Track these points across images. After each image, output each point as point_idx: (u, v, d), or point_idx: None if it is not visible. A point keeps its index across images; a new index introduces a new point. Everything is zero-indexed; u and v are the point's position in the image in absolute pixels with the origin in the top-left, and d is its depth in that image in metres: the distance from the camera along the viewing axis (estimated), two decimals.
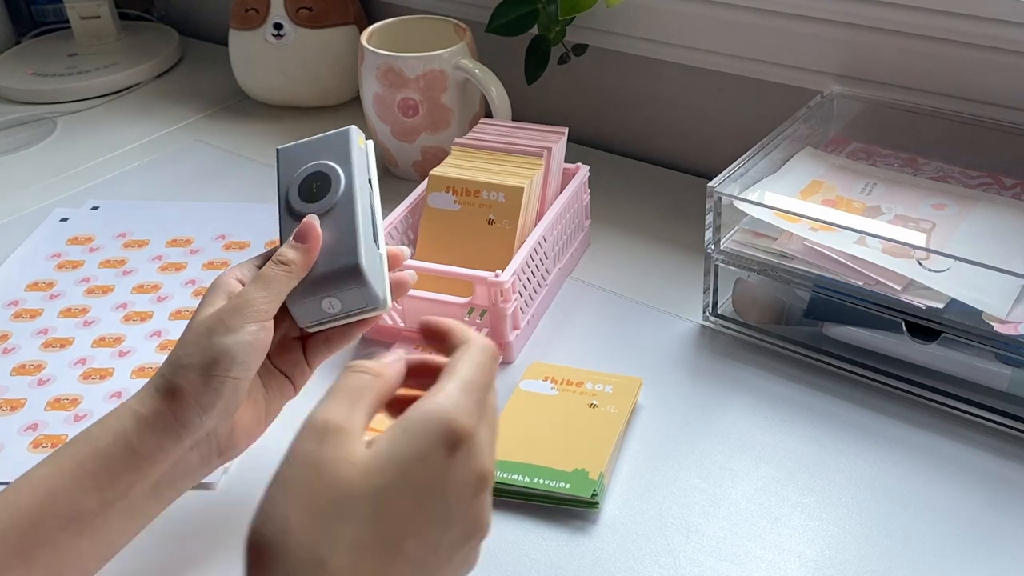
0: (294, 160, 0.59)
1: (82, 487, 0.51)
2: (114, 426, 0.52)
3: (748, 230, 0.72)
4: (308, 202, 0.57)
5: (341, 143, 0.59)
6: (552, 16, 0.90)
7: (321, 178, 0.58)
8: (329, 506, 0.37)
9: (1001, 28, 0.75)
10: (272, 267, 0.55)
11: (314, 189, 0.58)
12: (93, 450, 0.52)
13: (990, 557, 0.57)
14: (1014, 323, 0.62)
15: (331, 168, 0.58)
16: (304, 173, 0.58)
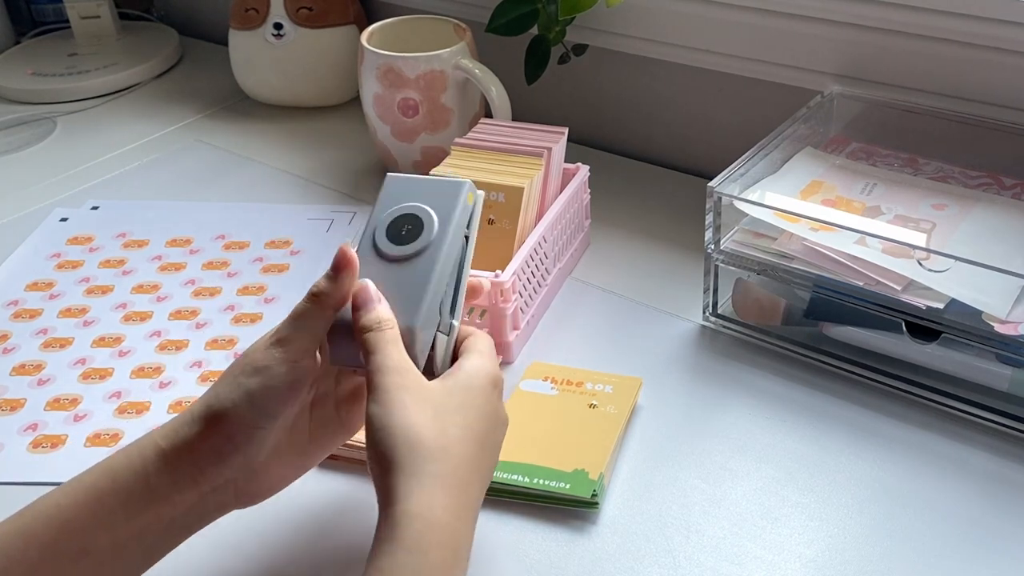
0: (398, 192, 0.57)
1: (97, 523, 0.50)
2: (136, 463, 0.51)
3: (748, 230, 0.72)
4: (392, 242, 0.55)
5: (449, 193, 0.56)
6: (552, 16, 0.90)
7: (414, 222, 0.55)
8: (434, 410, 0.49)
9: (1001, 28, 0.75)
10: (303, 300, 0.53)
11: (403, 231, 0.55)
12: (112, 485, 0.51)
13: (990, 557, 0.57)
14: (1014, 323, 0.62)
15: (427, 215, 0.55)
16: (399, 211, 0.55)
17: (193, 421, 0.52)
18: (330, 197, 0.97)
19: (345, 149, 1.06)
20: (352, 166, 1.03)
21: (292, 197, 0.97)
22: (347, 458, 0.65)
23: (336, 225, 0.92)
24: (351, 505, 0.62)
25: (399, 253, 0.54)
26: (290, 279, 0.84)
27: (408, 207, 0.56)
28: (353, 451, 0.64)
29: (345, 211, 0.94)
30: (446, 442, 0.48)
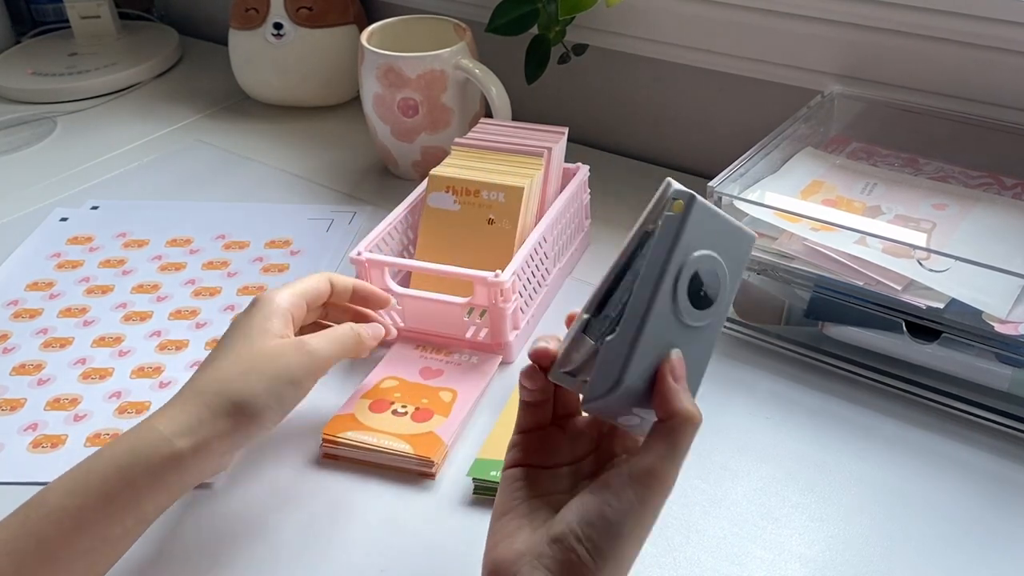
0: (701, 230, 0.45)
1: (111, 519, 0.52)
2: (149, 460, 0.53)
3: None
4: (693, 305, 0.46)
5: (742, 247, 0.47)
6: (552, 16, 0.90)
7: (712, 282, 0.46)
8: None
9: (1001, 28, 0.75)
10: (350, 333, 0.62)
11: (702, 292, 0.46)
12: (124, 483, 0.52)
13: (990, 557, 0.57)
14: (1014, 323, 0.62)
15: (724, 277, 0.46)
16: (704, 264, 0.46)
17: (215, 417, 0.55)
18: (330, 197, 0.97)
19: (345, 149, 1.06)
20: (352, 166, 1.03)
21: (292, 197, 0.97)
22: (347, 458, 0.65)
23: (336, 225, 0.92)
24: (351, 505, 0.62)
25: (695, 320, 0.46)
26: (290, 279, 0.84)
27: (713, 261, 0.46)
28: (354, 452, 0.64)
29: (345, 211, 0.94)
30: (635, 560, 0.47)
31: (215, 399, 0.55)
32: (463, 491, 0.62)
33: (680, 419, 0.46)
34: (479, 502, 0.62)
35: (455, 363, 0.72)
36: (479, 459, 0.63)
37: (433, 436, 0.64)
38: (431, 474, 0.63)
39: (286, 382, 0.58)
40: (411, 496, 0.62)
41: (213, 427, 0.55)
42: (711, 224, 0.46)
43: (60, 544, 0.50)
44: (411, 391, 0.69)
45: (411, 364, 0.72)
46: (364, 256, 0.73)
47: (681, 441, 0.46)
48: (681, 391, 0.46)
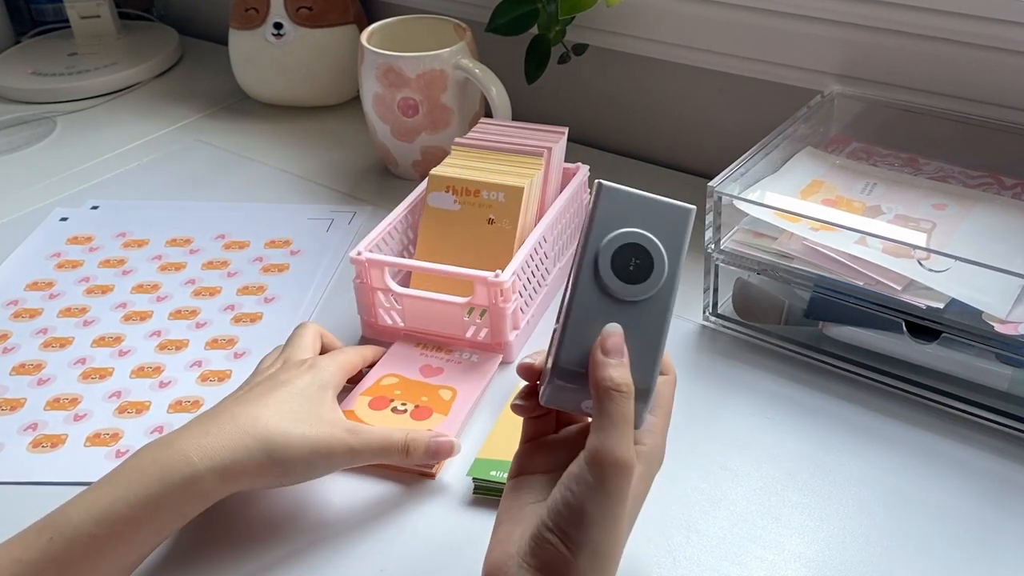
0: (617, 210, 0.48)
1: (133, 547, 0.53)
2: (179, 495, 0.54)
3: (748, 230, 0.72)
4: (621, 278, 0.47)
5: (677, 221, 0.48)
6: (552, 16, 0.90)
7: (642, 255, 0.47)
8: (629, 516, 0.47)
9: (1001, 28, 0.75)
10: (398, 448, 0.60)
11: (631, 266, 0.47)
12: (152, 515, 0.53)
13: (990, 556, 0.57)
14: (1014, 323, 0.62)
15: (658, 252, 0.47)
16: (625, 239, 0.47)
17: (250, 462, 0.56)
18: (330, 197, 0.97)
19: (345, 149, 1.06)
20: (352, 166, 1.03)
21: (292, 197, 0.97)
22: None
23: (336, 225, 0.92)
24: (351, 505, 0.62)
25: (630, 295, 0.47)
26: (290, 279, 0.84)
27: (635, 235, 0.47)
28: None
29: (345, 211, 0.94)
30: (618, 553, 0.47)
31: (255, 445, 0.56)
32: (463, 491, 0.62)
33: (603, 390, 0.45)
34: (479, 502, 0.62)
35: (455, 361, 0.72)
36: (479, 459, 0.63)
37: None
38: (431, 474, 0.63)
39: (325, 457, 0.58)
40: (411, 496, 0.62)
41: (245, 471, 0.55)
42: (630, 204, 0.48)
43: (81, 571, 0.51)
44: (411, 389, 0.69)
45: (411, 362, 0.72)
46: (364, 256, 0.73)
47: (614, 413, 0.45)
48: (608, 363, 0.45)
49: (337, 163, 1.03)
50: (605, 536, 0.44)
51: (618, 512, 0.45)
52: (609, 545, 0.45)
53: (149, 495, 0.53)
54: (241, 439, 0.56)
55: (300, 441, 0.57)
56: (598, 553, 0.44)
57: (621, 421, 0.45)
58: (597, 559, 0.44)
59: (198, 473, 0.54)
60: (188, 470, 0.54)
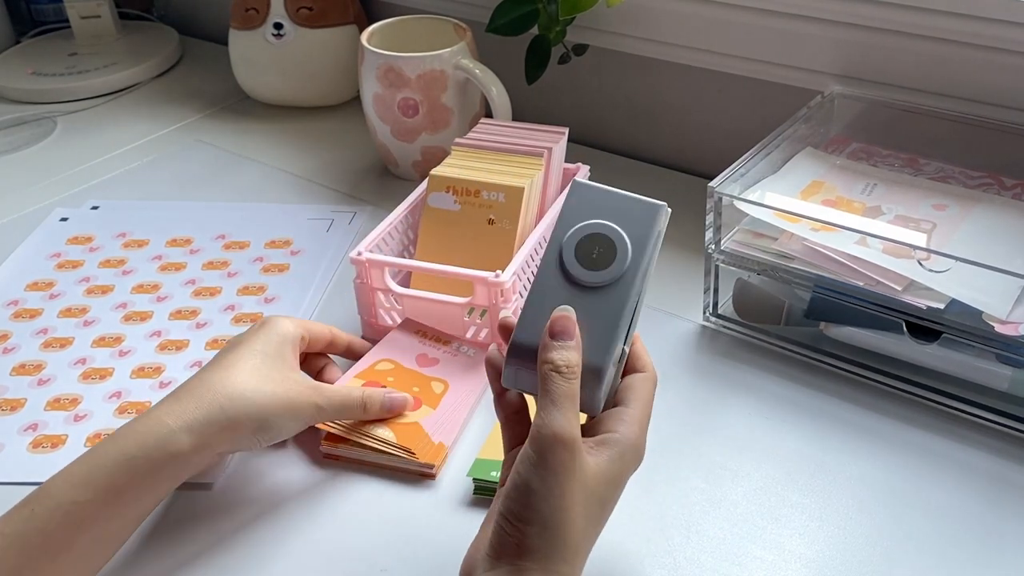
0: (587, 204, 0.51)
1: (115, 514, 0.54)
2: (155, 455, 0.55)
3: (748, 230, 0.72)
4: (583, 265, 0.50)
5: (645, 217, 0.51)
6: (552, 16, 0.90)
7: (605, 244, 0.50)
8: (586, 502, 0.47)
9: (1001, 28, 0.75)
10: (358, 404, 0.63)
11: (594, 254, 0.50)
12: (129, 478, 0.54)
13: (990, 556, 0.57)
14: (1014, 323, 0.62)
15: (621, 240, 0.50)
16: (589, 230, 0.50)
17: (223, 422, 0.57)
18: (330, 197, 0.97)
19: (345, 149, 1.06)
20: (352, 166, 1.03)
21: (292, 197, 0.97)
22: (347, 458, 0.65)
23: (336, 225, 0.92)
24: (352, 505, 0.62)
25: (591, 280, 0.50)
26: (290, 279, 0.84)
27: (599, 227, 0.50)
28: (352, 451, 0.64)
29: (345, 211, 0.94)
30: (581, 540, 0.47)
31: (229, 404, 0.57)
32: (463, 491, 0.62)
33: (544, 371, 0.47)
34: (479, 502, 0.62)
35: (452, 353, 0.71)
36: (479, 459, 0.63)
37: (417, 427, 0.65)
38: (431, 474, 0.63)
39: (293, 414, 0.60)
40: (411, 496, 0.62)
41: (219, 429, 0.57)
42: (601, 200, 0.51)
43: (64, 540, 0.51)
44: (404, 376, 0.69)
45: (408, 349, 0.71)
46: (364, 256, 0.73)
47: (553, 392, 0.47)
48: (551, 345, 0.48)
49: (337, 163, 1.03)
50: (552, 510, 0.45)
51: (564, 485, 0.45)
52: (558, 519, 0.45)
53: (127, 459, 0.54)
54: (213, 399, 0.57)
55: (270, 399, 0.59)
56: (547, 527, 0.45)
57: (561, 399, 0.47)
58: (547, 533, 0.45)
59: (173, 434, 0.55)
60: (163, 431, 0.55)
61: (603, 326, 0.49)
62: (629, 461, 0.50)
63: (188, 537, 0.60)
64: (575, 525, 0.46)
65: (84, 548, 0.52)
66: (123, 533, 0.55)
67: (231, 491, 0.63)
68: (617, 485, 0.50)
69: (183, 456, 0.55)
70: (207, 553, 0.59)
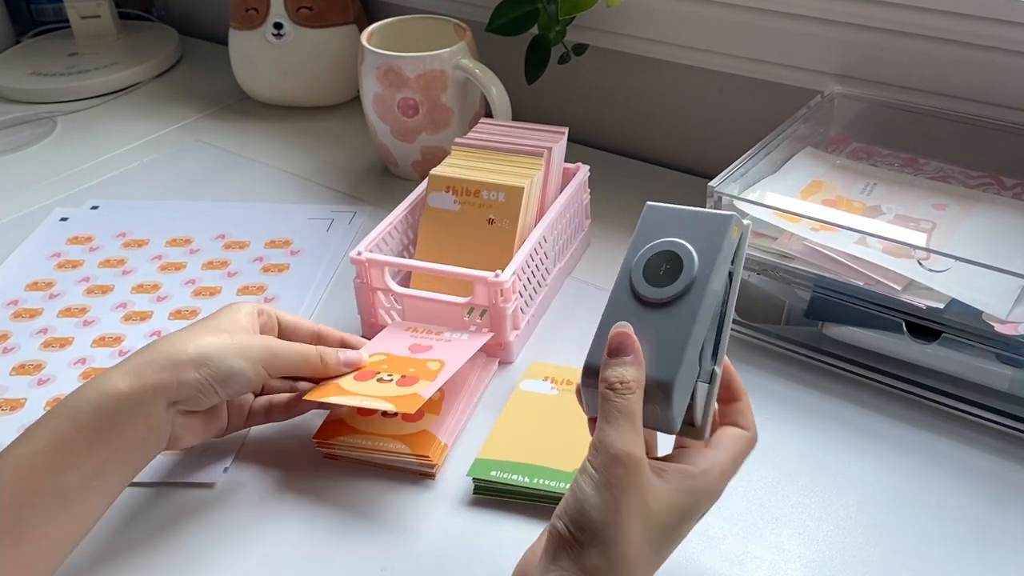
0: (656, 225, 0.51)
1: (64, 463, 0.53)
2: (94, 400, 0.55)
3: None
4: (650, 283, 0.49)
5: (713, 228, 0.50)
6: (552, 16, 0.90)
7: (672, 260, 0.49)
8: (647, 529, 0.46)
9: (1001, 28, 0.75)
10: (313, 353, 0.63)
11: (661, 271, 0.49)
12: (74, 425, 0.54)
13: (990, 556, 0.57)
14: (1014, 323, 0.62)
15: (687, 254, 0.49)
16: (657, 248, 0.50)
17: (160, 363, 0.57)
18: (330, 197, 0.97)
19: (345, 149, 1.06)
20: (352, 166, 1.03)
21: (292, 197, 0.97)
22: (347, 457, 0.65)
23: (336, 225, 0.92)
24: (352, 505, 0.62)
25: (658, 296, 0.49)
26: (290, 279, 0.84)
27: (666, 243, 0.50)
28: (354, 451, 0.64)
29: (345, 211, 0.94)
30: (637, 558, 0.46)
31: (168, 345, 0.58)
32: (463, 491, 0.62)
33: (602, 389, 0.47)
34: (479, 502, 0.62)
35: (445, 339, 0.71)
36: (479, 459, 0.63)
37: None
38: (431, 474, 0.63)
39: (240, 356, 0.59)
40: (411, 496, 0.62)
41: (158, 371, 0.57)
42: (670, 220, 0.51)
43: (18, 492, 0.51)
44: (398, 362, 0.67)
45: (400, 342, 0.70)
46: (364, 256, 0.73)
47: (612, 409, 0.46)
48: (608, 363, 0.47)
49: (337, 163, 1.03)
50: (609, 527, 0.45)
51: (622, 503, 0.45)
52: (615, 536, 0.45)
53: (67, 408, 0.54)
54: (162, 353, 0.58)
55: (214, 340, 0.59)
56: (607, 543, 0.45)
57: (619, 416, 0.46)
58: (607, 550, 0.45)
59: (109, 378, 0.56)
60: (101, 379, 0.56)
61: (671, 340, 0.48)
62: (701, 499, 0.49)
63: (188, 537, 0.60)
64: (630, 540, 0.45)
65: (41, 501, 0.52)
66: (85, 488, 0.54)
67: (231, 491, 0.63)
68: (684, 517, 0.48)
69: (121, 395, 0.55)
70: (207, 553, 0.59)
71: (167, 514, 0.62)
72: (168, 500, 0.62)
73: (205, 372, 0.58)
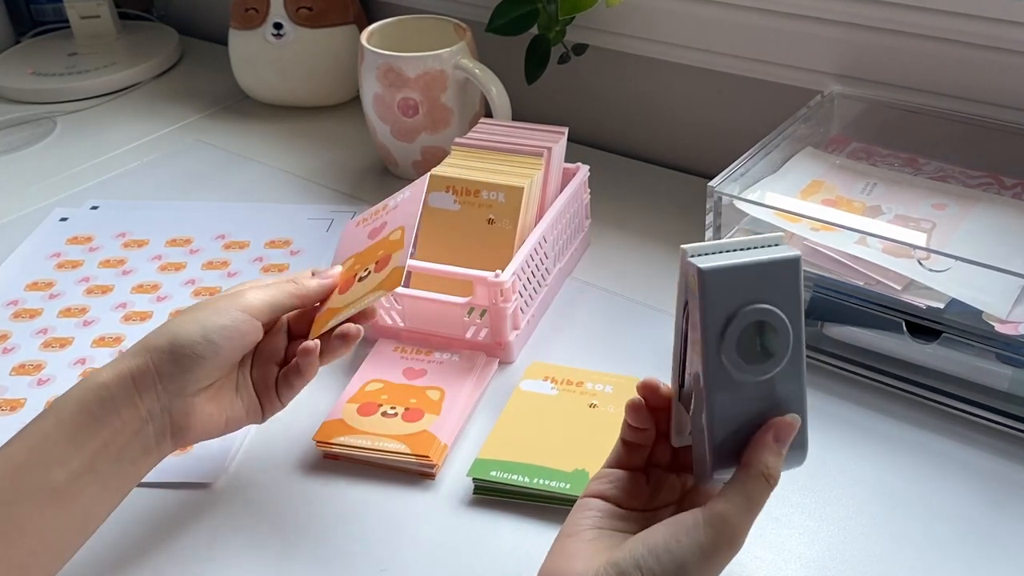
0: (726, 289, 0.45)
1: (49, 459, 0.52)
2: (76, 395, 0.54)
3: (748, 230, 0.72)
4: (747, 361, 0.45)
5: (788, 278, 0.46)
6: (552, 16, 0.90)
7: (767, 332, 0.46)
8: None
9: (1001, 28, 0.75)
10: (282, 280, 0.60)
11: (757, 346, 0.45)
12: (56, 421, 0.53)
13: (991, 557, 0.57)
14: (1014, 323, 0.62)
15: (780, 321, 0.46)
16: (746, 320, 0.45)
17: (141, 352, 0.55)
18: (330, 197, 0.97)
19: (345, 149, 1.06)
20: (352, 166, 1.03)
21: (292, 197, 0.97)
22: (348, 457, 0.65)
23: (336, 225, 0.92)
24: (352, 505, 0.62)
25: (763, 375, 0.46)
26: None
27: (754, 313, 0.45)
28: (354, 451, 0.64)
29: (345, 211, 0.94)
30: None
31: (146, 340, 0.56)
32: (463, 491, 0.62)
33: (756, 472, 0.46)
34: (479, 502, 0.62)
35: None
36: (479, 459, 0.63)
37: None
38: (431, 474, 0.63)
39: (212, 317, 0.56)
40: (411, 496, 0.62)
41: (135, 361, 0.55)
42: (736, 277, 0.45)
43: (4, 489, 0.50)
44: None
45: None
46: None
47: (754, 494, 0.46)
48: (772, 448, 0.47)
49: (337, 163, 1.03)
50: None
51: (707, 569, 0.45)
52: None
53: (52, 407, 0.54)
54: (145, 343, 0.56)
55: (182, 321, 0.57)
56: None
57: (756, 504, 0.46)
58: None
59: (98, 380, 0.54)
60: (90, 379, 0.54)
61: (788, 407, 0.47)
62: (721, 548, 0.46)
63: (188, 537, 0.60)
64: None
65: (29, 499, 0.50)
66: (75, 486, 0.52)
67: (231, 491, 0.63)
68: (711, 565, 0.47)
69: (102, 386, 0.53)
70: (207, 553, 0.59)
71: (167, 514, 0.62)
72: (168, 500, 0.62)
73: (182, 340, 0.55)
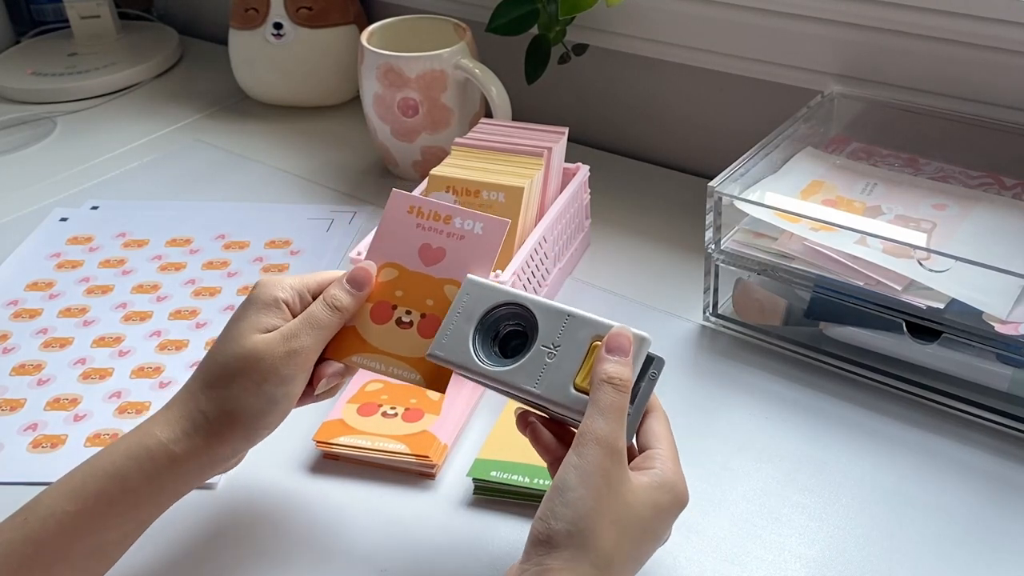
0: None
1: (108, 524, 0.52)
2: (147, 467, 0.53)
3: (748, 230, 0.72)
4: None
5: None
6: (552, 16, 0.90)
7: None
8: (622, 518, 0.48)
9: (1001, 28, 0.75)
10: (326, 311, 0.56)
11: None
12: (122, 490, 0.52)
13: (990, 556, 0.57)
14: (1015, 323, 0.62)
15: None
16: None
17: (210, 424, 0.54)
18: (330, 197, 0.97)
19: (345, 149, 1.06)
20: (352, 166, 1.03)
21: (292, 197, 0.97)
22: (348, 458, 0.65)
23: (336, 225, 0.92)
24: (352, 505, 0.62)
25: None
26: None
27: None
28: (354, 451, 0.64)
29: (345, 211, 0.94)
30: (614, 552, 0.47)
31: (209, 406, 0.54)
32: (463, 491, 0.62)
33: (599, 382, 0.49)
34: (479, 502, 0.62)
35: (457, 236, 0.62)
36: (479, 459, 0.63)
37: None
38: (431, 474, 0.63)
39: (276, 384, 0.54)
40: (411, 496, 0.62)
41: (207, 433, 0.54)
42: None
43: (57, 549, 0.50)
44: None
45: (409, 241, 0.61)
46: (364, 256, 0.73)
47: (598, 397, 0.49)
48: (607, 359, 0.50)
49: (337, 163, 1.03)
50: (584, 511, 0.46)
51: (599, 488, 0.46)
52: (589, 523, 0.46)
53: (118, 470, 0.52)
54: (196, 403, 0.54)
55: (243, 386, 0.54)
56: (577, 527, 0.46)
57: (609, 409, 0.48)
58: (575, 532, 0.46)
59: (160, 443, 0.53)
60: (152, 442, 0.53)
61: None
62: (669, 494, 0.50)
63: (188, 537, 0.60)
64: (606, 533, 0.46)
65: (80, 558, 0.51)
66: (121, 544, 0.54)
67: (231, 491, 0.63)
68: (659, 514, 0.50)
69: (176, 464, 0.53)
70: (207, 553, 0.59)
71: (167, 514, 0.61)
72: None
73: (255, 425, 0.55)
